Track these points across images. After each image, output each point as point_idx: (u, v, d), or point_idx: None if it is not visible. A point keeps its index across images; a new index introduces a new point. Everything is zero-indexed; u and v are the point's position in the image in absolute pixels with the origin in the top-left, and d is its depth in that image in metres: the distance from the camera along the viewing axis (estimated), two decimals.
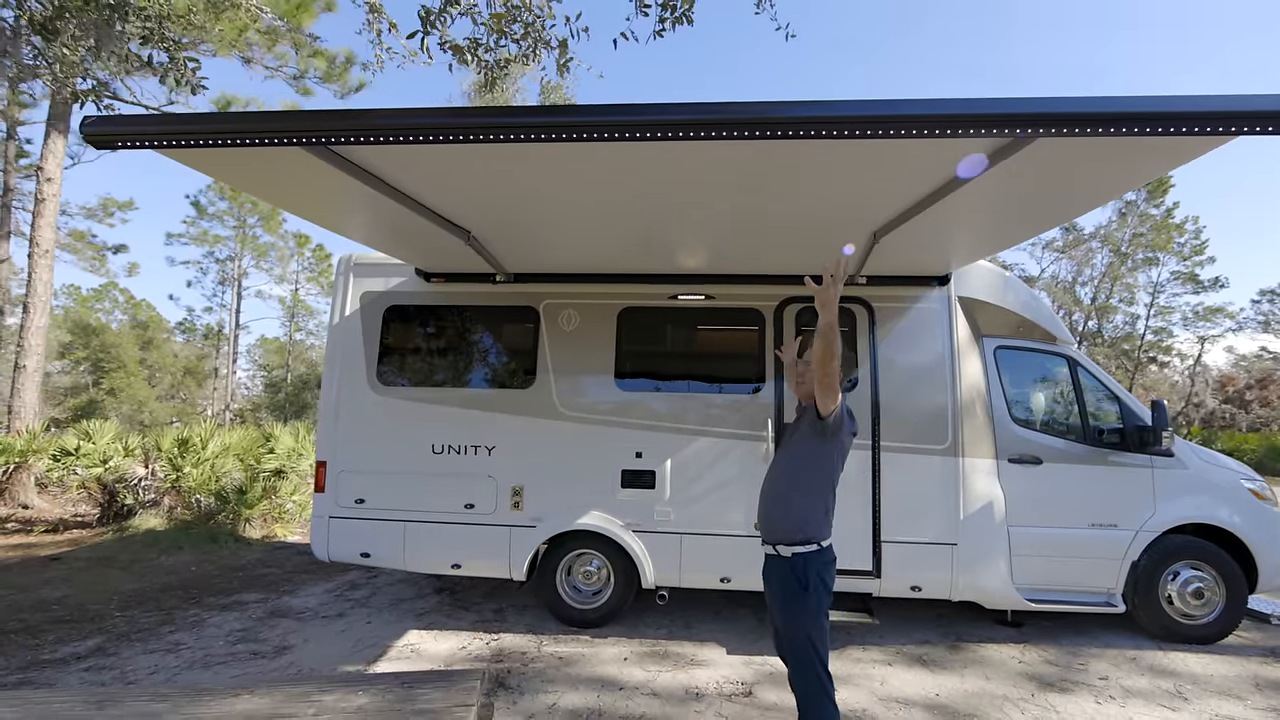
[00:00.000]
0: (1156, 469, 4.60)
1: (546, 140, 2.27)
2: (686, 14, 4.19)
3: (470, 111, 2.49)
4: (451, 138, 2.30)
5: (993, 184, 2.85)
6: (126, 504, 8.48)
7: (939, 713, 3.53)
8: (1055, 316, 5.20)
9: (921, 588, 4.43)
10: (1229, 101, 2.06)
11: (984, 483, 4.51)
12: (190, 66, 4.43)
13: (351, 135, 2.24)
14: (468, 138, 2.29)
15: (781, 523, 2.67)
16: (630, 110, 2.30)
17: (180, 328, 32.20)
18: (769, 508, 2.76)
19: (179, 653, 4.36)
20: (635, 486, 4.59)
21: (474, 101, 16.58)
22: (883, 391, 4.60)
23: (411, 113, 2.28)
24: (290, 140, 2.29)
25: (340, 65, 8.63)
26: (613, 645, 4.41)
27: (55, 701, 1.89)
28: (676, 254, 4.38)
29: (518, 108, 3.03)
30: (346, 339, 4.98)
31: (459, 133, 2.29)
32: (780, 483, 2.76)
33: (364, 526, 4.76)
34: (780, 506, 2.71)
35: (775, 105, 2.31)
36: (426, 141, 2.28)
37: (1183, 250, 30.62)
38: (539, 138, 2.25)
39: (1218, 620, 4.52)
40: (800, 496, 2.68)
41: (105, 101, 5.40)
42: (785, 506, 2.70)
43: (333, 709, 1.90)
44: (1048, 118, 2.15)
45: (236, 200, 26.67)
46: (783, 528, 2.66)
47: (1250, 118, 2.06)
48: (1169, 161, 2.76)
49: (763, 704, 3.59)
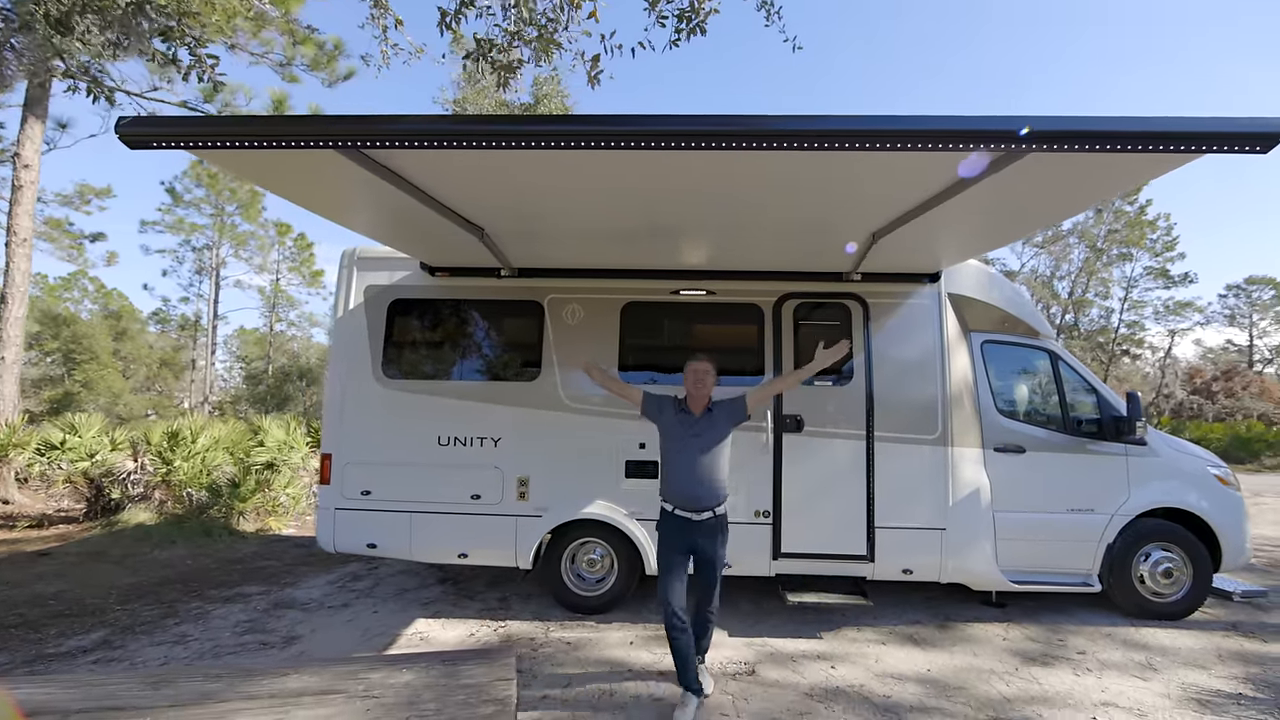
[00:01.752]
0: (1131, 457, 4.86)
1: (576, 148, 2.38)
2: (701, 25, 4.34)
3: (501, 119, 2.57)
4: (480, 144, 2.40)
5: (987, 190, 3.03)
6: (114, 498, 8.42)
7: (930, 686, 3.74)
8: (1037, 312, 5.43)
9: (913, 571, 4.64)
10: (1203, 123, 2.30)
11: (971, 471, 4.73)
12: (210, 63, 4.43)
13: (389, 140, 2.33)
14: (498, 144, 2.39)
15: (720, 491, 3.50)
16: (644, 121, 2.44)
17: (155, 318, 31.48)
18: (710, 482, 3.48)
19: (186, 644, 4.41)
20: (639, 476, 4.73)
21: (464, 92, 16.47)
22: (876, 384, 4.78)
23: (446, 119, 2.39)
24: (326, 144, 2.37)
25: (329, 53, 8.56)
26: (618, 630, 4.56)
27: (111, 683, 1.98)
28: (679, 251, 4.51)
29: (547, 116, 3.12)
30: (351, 332, 5.04)
31: (490, 140, 2.39)
32: (708, 464, 3.49)
33: (370, 518, 4.84)
34: (718, 480, 3.51)
35: (776, 119, 2.46)
36: (459, 147, 2.38)
37: (1155, 246, 31.60)
38: (571, 145, 2.36)
39: (1185, 598, 4.81)
40: (724, 472, 3.54)
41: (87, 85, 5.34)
42: (720, 480, 3.52)
43: (381, 685, 2.02)
44: (1043, 135, 2.34)
45: (214, 188, 26.07)
46: (719, 495, 3.49)
47: (1218, 138, 2.31)
48: (1147, 173, 3.00)
49: (765, 681, 3.77)
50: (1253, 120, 2.28)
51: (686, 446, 3.49)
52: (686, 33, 4.35)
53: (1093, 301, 33.69)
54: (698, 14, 4.30)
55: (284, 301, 32.11)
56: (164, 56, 4.46)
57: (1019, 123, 2.35)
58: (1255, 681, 3.84)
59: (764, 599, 5.14)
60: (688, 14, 4.31)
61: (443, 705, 1.90)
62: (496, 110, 15.99)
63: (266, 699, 1.91)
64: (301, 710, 1.85)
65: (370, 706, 1.88)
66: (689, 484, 3.46)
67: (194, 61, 4.42)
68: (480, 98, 16.14)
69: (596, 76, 4.33)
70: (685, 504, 3.45)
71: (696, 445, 3.47)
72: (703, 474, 3.45)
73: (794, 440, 4.75)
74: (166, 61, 4.47)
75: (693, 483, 3.45)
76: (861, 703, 3.52)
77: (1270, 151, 2.30)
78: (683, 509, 3.46)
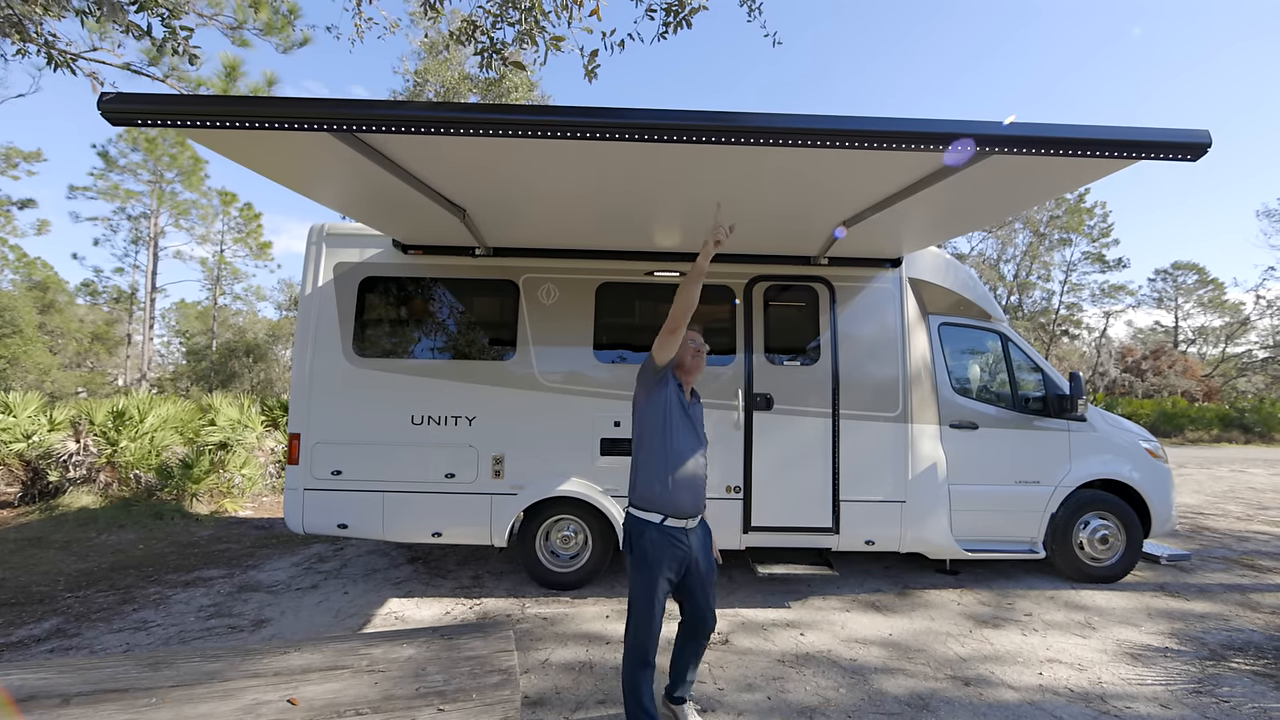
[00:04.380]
0: (1072, 432, 5.19)
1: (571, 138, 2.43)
2: (687, 19, 4.39)
3: (502, 109, 2.55)
4: (479, 132, 2.40)
5: (951, 186, 3.21)
6: (53, 481, 8.03)
7: (893, 649, 3.97)
8: (990, 296, 5.70)
9: (874, 541, 4.88)
10: (1142, 133, 2.59)
11: (929, 446, 4.97)
12: (184, 35, 4.17)
13: (388, 125, 2.30)
14: (497, 133, 2.40)
15: (703, 495, 2.89)
16: (631, 114, 2.50)
17: (85, 290, 29.63)
18: (700, 486, 2.85)
19: (149, 630, 4.30)
20: (614, 454, 4.80)
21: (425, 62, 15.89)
22: (842, 364, 4.96)
23: (444, 106, 2.39)
24: (322, 126, 2.32)
25: (283, 17, 8.15)
26: (593, 605, 4.66)
27: (108, 665, 1.95)
28: (653, 233, 4.55)
29: (546, 107, 3.08)
30: (320, 310, 4.91)
31: (490, 129, 2.40)
32: (702, 464, 2.87)
33: (341, 498, 4.78)
34: (703, 484, 2.88)
35: (742, 116, 2.57)
36: (457, 134, 2.37)
37: (1092, 232, 33.25)
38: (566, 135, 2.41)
39: (1119, 562, 5.21)
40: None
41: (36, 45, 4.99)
42: (704, 483, 2.90)
43: (385, 660, 2.05)
44: (1004, 139, 2.56)
45: (152, 153, 24.48)
46: (703, 498, 2.88)
47: (1154, 146, 2.60)
48: (1088, 177, 3.26)
49: (739, 649, 3.93)
50: (1185, 131, 2.55)
51: (691, 434, 2.84)
52: (674, 26, 4.39)
53: (1035, 284, 35.36)
54: (684, 7, 4.35)
55: (229, 274, 30.69)
56: (139, 29, 4.19)
57: (988, 127, 2.53)
58: (1180, 636, 4.21)
59: (735, 571, 5.32)
60: (674, 8, 4.35)
61: (450, 676, 1.94)
62: (459, 83, 15.55)
63: (271, 676, 1.91)
64: (310, 685, 1.86)
65: (378, 679, 1.91)
66: (693, 484, 2.78)
67: (168, 34, 4.17)
68: (443, 69, 15.63)
69: (594, 70, 4.34)
70: (682, 510, 2.73)
71: (694, 439, 2.84)
72: (701, 473, 2.85)
73: (764, 418, 4.89)
74: (142, 34, 4.20)
75: (696, 484, 2.80)
76: (830, 666, 3.72)
77: (1199, 160, 2.61)
78: (678, 517, 2.72)
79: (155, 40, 4.26)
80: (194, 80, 8.46)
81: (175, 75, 8.14)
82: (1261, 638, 4.20)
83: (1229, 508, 9.12)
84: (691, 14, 4.36)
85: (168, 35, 4.24)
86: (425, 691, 1.88)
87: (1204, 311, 40.50)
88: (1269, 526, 7.81)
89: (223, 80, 9.33)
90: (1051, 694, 3.42)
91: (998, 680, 3.57)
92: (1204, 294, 40.01)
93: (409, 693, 1.88)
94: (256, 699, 1.83)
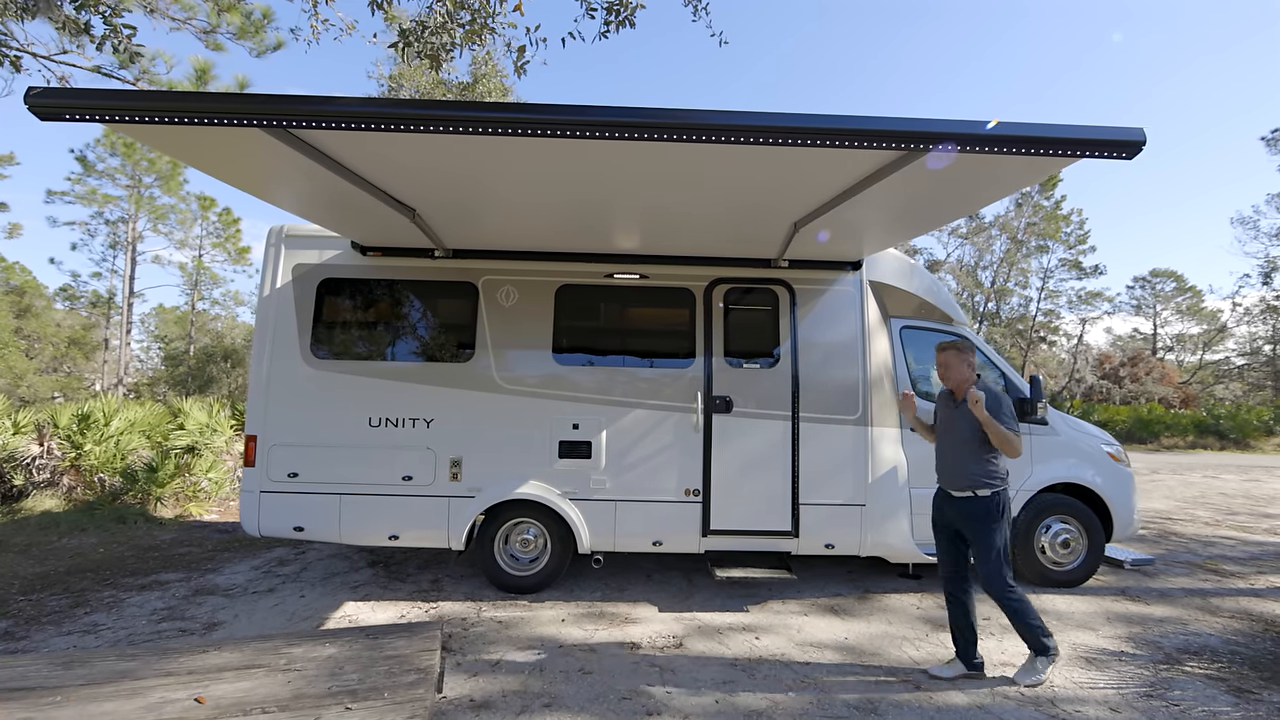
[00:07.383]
0: (1034, 436, 5.22)
1: (508, 135, 2.40)
2: (629, 18, 4.39)
3: (432, 104, 2.55)
4: (411, 128, 2.39)
5: (900, 185, 3.21)
6: (16, 485, 7.89)
7: (848, 653, 3.97)
8: (953, 300, 5.74)
9: (834, 545, 4.87)
10: (1079, 131, 2.58)
11: (890, 450, 4.98)
12: (126, 34, 4.13)
13: (316, 121, 2.28)
14: (428, 129, 2.38)
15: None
16: (575, 111, 2.49)
17: (62, 294, 29.23)
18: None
19: (98, 633, 4.23)
20: (572, 457, 4.78)
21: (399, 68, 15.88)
22: (802, 367, 4.96)
23: (375, 102, 2.37)
24: (252, 122, 2.30)
25: (256, 22, 8.12)
26: (550, 608, 4.62)
27: (19, 665, 1.91)
28: (613, 235, 4.55)
29: (475, 103, 3.08)
30: (278, 311, 4.87)
31: (420, 124, 2.38)
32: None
33: (297, 500, 4.73)
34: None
35: (693, 114, 2.57)
36: (388, 130, 2.36)
37: (1069, 239, 33.70)
38: (503, 132, 2.38)
39: (1081, 566, 5.22)
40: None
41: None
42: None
43: (303, 659, 2.02)
44: (937, 136, 2.56)
45: (130, 158, 24.25)
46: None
47: (1091, 144, 2.59)
48: (1034, 176, 3.27)
49: (692, 653, 3.91)
50: (1121, 130, 2.55)
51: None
52: (615, 25, 4.41)
53: (1013, 290, 35.75)
54: (625, 7, 4.37)
55: (207, 279, 30.38)
56: (76, 25, 4.15)
57: (933, 125, 2.54)
58: (1136, 640, 4.23)
59: (694, 575, 5.30)
60: (616, 6, 4.37)
61: (365, 676, 1.92)
62: (434, 88, 15.54)
63: (185, 675, 1.88)
64: (222, 684, 1.83)
65: (292, 678, 1.88)
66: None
67: (109, 31, 4.13)
68: (417, 74, 15.63)
69: (523, 67, 4.35)
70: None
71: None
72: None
73: (723, 421, 4.89)
74: (79, 30, 4.16)
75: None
76: (783, 669, 3.70)
77: (1135, 158, 2.59)
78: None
79: (94, 38, 4.22)
80: (165, 83, 8.39)
81: (147, 79, 8.08)
82: (1218, 642, 4.23)
83: (1198, 513, 9.22)
84: (631, 13, 4.37)
85: (108, 33, 4.20)
86: (336, 690, 1.86)
87: (1182, 319, 41.16)
88: (1236, 532, 7.90)
89: (194, 83, 9.27)
90: (1002, 698, 3.43)
91: (949, 684, 3.57)
92: (1182, 301, 40.66)
93: (320, 691, 1.85)
94: (163, 697, 1.80)
